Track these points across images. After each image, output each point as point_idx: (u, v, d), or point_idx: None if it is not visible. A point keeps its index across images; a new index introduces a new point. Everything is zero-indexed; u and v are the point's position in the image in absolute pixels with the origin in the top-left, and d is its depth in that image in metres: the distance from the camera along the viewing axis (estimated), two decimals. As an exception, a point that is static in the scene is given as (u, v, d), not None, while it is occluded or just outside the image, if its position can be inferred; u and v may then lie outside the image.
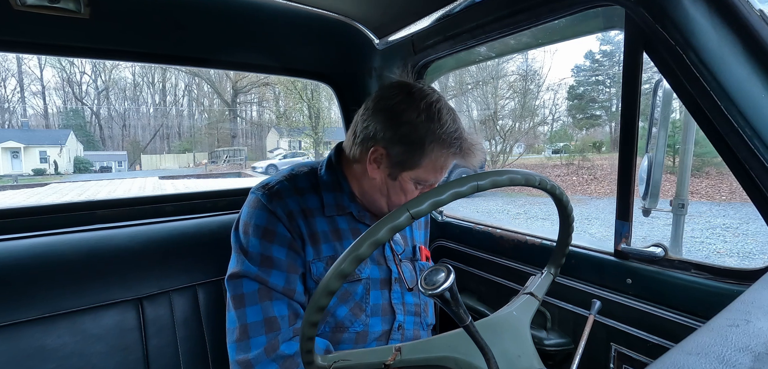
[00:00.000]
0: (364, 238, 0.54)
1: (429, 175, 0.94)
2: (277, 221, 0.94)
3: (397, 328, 1.02)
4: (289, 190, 0.98)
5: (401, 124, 0.91)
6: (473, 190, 0.58)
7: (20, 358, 0.97)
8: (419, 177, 0.94)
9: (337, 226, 1.00)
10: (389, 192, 0.97)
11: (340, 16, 1.42)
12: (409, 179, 0.94)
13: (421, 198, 0.55)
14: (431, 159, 0.91)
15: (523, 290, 0.82)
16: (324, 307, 0.56)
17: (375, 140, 0.93)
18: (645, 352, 0.97)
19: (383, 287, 1.03)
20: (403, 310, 1.04)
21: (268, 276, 0.91)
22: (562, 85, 26.89)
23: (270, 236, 0.93)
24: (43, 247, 1.09)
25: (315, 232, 0.97)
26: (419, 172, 0.93)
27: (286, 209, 0.95)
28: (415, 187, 0.96)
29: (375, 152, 0.94)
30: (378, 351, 0.67)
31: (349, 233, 1.01)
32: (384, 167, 0.95)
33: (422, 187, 0.96)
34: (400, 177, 0.94)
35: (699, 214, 7.93)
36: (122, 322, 1.09)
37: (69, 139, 27.67)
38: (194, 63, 1.43)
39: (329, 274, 0.55)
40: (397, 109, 0.92)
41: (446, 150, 0.92)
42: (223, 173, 25.84)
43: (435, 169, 0.93)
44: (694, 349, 0.37)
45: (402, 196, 0.96)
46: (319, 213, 0.98)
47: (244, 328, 0.89)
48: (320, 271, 0.95)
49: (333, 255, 0.96)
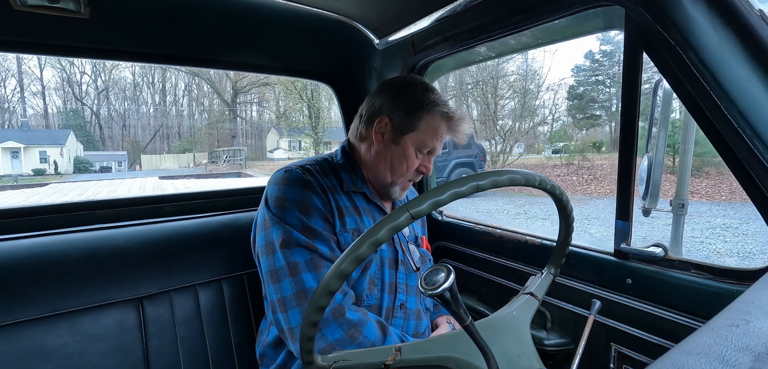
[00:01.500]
0: (364, 239, 0.54)
1: (427, 138, 1.06)
2: (312, 194, 1.01)
3: (400, 306, 1.07)
4: (316, 170, 1.07)
5: (401, 96, 1.07)
6: (473, 190, 0.58)
7: (20, 358, 0.97)
8: (418, 140, 1.06)
9: (355, 202, 1.09)
10: (392, 160, 1.08)
11: (340, 16, 1.42)
12: (410, 144, 1.06)
13: (421, 198, 0.55)
14: (428, 122, 1.05)
15: (523, 290, 0.82)
16: (324, 307, 0.56)
17: (380, 112, 1.08)
18: (645, 352, 0.97)
19: (392, 266, 1.10)
20: (406, 290, 1.10)
21: (315, 245, 0.96)
22: (562, 85, 26.90)
23: (308, 210, 0.99)
24: (43, 247, 1.09)
25: (340, 206, 1.05)
26: (419, 135, 1.05)
27: (318, 183, 1.03)
28: (416, 155, 1.07)
29: (380, 123, 1.07)
30: (378, 351, 0.67)
31: (366, 211, 1.10)
32: (388, 135, 1.07)
33: (422, 155, 1.08)
34: (402, 141, 1.06)
35: (699, 214, 7.93)
36: (122, 322, 1.09)
37: (69, 139, 27.66)
38: (194, 63, 1.42)
39: (329, 274, 0.55)
40: (398, 86, 1.10)
41: (440, 116, 1.06)
42: (223, 173, 25.84)
43: (432, 132, 1.06)
44: (694, 349, 0.37)
45: (403, 163, 1.07)
46: (339, 191, 1.08)
47: (303, 293, 0.92)
48: (348, 240, 1.02)
49: (356, 227, 1.05)
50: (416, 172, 1.11)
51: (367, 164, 1.13)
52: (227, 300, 1.24)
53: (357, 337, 0.91)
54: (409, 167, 1.08)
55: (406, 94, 1.07)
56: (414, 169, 1.09)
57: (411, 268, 1.12)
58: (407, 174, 1.09)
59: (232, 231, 1.32)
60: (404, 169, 1.08)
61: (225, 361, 1.21)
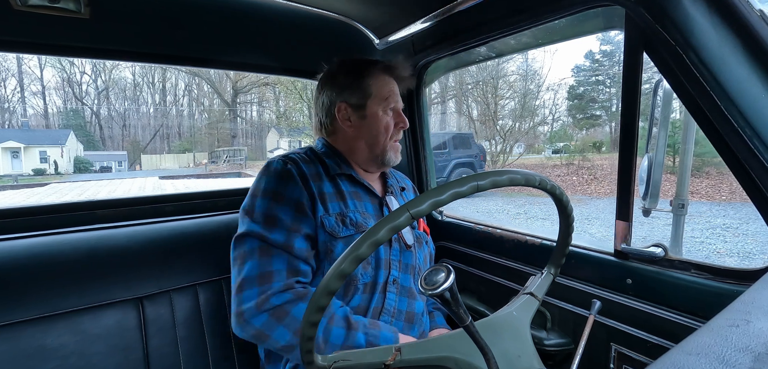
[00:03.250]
0: (364, 239, 0.54)
1: (384, 94, 1.13)
2: (288, 183, 1.04)
3: (393, 281, 1.08)
4: (299, 159, 1.10)
5: (340, 78, 1.15)
6: (473, 190, 0.58)
7: (20, 357, 0.97)
8: (380, 101, 1.13)
9: (339, 187, 1.11)
10: (370, 131, 1.13)
11: (340, 16, 1.42)
12: (375, 108, 1.13)
13: (421, 198, 0.55)
14: (376, 82, 1.13)
15: (523, 290, 0.82)
16: (324, 307, 0.56)
17: (334, 103, 1.15)
18: (645, 352, 0.97)
19: (385, 243, 1.11)
20: (399, 266, 1.11)
21: (269, 233, 0.98)
22: (562, 85, 26.89)
23: (279, 198, 1.02)
24: (43, 247, 1.09)
25: (323, 192, 1.07)
26: (377, 98, 1.13)
27: (299, 171, 1.06)
28: (387, 113, 1.14)
29: (340, 110, 1.14)
30: (378, 351, 0.67)
31: (352, 194, 1.12)
32: (352, 115, 1.14)
33: (393, 112, 1.14)
34: (368, 111, 1.13)
35: (699, 214, 7.92)
36: (122, 322, 1.09)
37: (69, 139, 27.66)
38: (194, 63, 1.43)
39: (329, 275, 0.55)
40: (332, 74, 1.18)
41: (381, 71, 1.15)
42: (224, 173, 25.83)
43: (385, 88, 1.14)
44: (694, 349, 0.37)
45: (381, 127, 1.13)
46: (323, 177, 1.10)
47: (240, 283, 0.96)
48: (331, 223, 1.04)
49: (340, 212, 1.06)
50: (397, 130, 1.16)
51: (348, 150, 1.17)
52: (227, 300, 1.24)
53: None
54: (387, 128, 1.14)
55: (343, 74, 1.15)
56: (392, 127, 1.15)
57: (404, 246, 1.14)
58: (390, 135, 1.14)
59: (232, 231, 1.31)
60: (384, 132, 1.13)
61: (225, 361, 1.21)
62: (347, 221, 1.06)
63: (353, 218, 1.07)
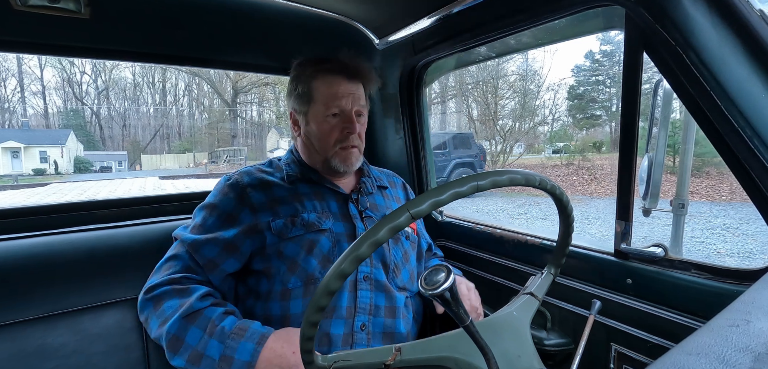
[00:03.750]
0: (364, 239, 0.54)
1: (327, 101, 1.10)
2: (227, 195, 1.07)
3: (364, 278, 1.06)
4: (248, 172, 1.13)
5: (291, 86, 1.16)
6: (473, 190, 0.58)
7: (21, 357, 0.97)
8: (321, 109, 1.10)
9: (297, 191, 1.12)
10: (313, 139, 1.13)
11: (340, 16, 1.42)
12: (316, 117, 1.11)
13: (421, 198, 0.55)
14: (319, 88, 1.11)
15: (523, 290, 0.82)
16: (324, 307, 0.56)
17: (290, 110, 1.18)
18: (645, 352, 0.97)
19: (350, 241, 1.08)
20: (370, 262, 1.08)
21: (192, 240, 1.02)
22: (562, 85, 26.89)
23: (213, 209, 1.06)
24: (43, 247, 1.09)
25: (274, 198, 1.08)
26: (318, 106, 1.11)
27: (247, 182, 1.09)
28: (329, 119, 1.11)
29: (291, 118, 1.19)
30: (378, 351, 0.67)
31: (311, 195, 1.12)
32: (299, 122, 1.16)
33: (340, 116, 1.11)
34: (309, 119, 1.12)
35: (699, 214, 7.92)
36: (122, 322, 1.09)
37: (69, 139, 27.65)
38: (194, 63, 1.43)
39: (329, 274, 0.55)
40: (290, 81, 1.18)
41: (328, 74, 1.11)
42: (223, 173, 25.80)
43: (328, 93, 1.10)
44: (694, 349, 0.37)
45: (321, 136, 1.11)
46: (280, 183, 1.12)
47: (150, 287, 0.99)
48: (279, 226, 1.04)
49: (293, 213, 1.07)
50: (344, 135, 1.11)
51: (307, 156, 1.19)
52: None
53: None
54: (328, 134, 1.11)
55: (294, 81, 1.15)
56: (335, 137, 1.11)
57: None
58: (334, 142, 1.11)
59: None
60: (325, 139, 1.11)
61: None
62: (298, 222, 1.06)
63: (306, 218, 1.07)
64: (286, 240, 1.03)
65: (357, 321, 1.02)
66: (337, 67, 1.12)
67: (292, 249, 1.03)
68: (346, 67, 1.12)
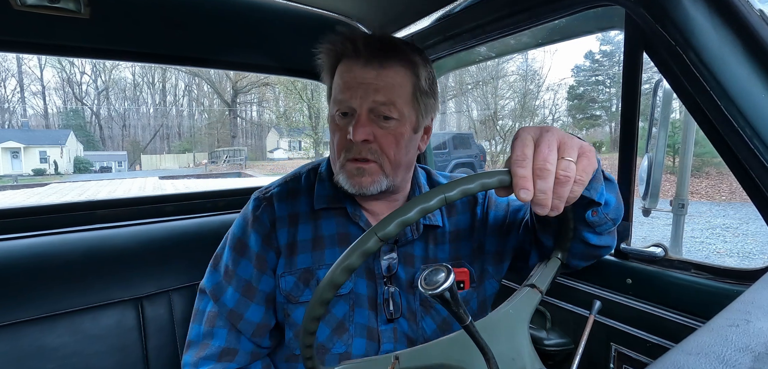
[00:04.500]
0: (371, 234, 0.53)
1: (335, 94, 0.83)
2: (252, 232, 0.87)
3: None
4: (282, 193, 0.91)
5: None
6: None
7: (20, 358, 0.97)
8: (334, 99, 0.83)
9: (319, 230, 0.88)
10: (330, 146, 0.88)
11: (340, 15, 1.42)
12: (330, 112, 0.85)
13: (431, 194, 0.53)
14: (336, 75, 0.83)
15: (525, 281, 0.80)
16: (328, 301, 0.55)
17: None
18: (645, 352, 0.97)
19: (371, 308, 0.87)
20: (394, 337, 0.86)
21: (223, 292, 0.87)
22: (562, 85, 26.88)
23: (242, 250, 0.87)
24: (43, 247, 1.09)
25: (294, 241, 0.87)
26: (332, 99, 0.84)
27: (271, 217, 0.87)
28: (340, 119, 0.82)
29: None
30: (377, 360, 0.67)
31: (334, 239, 0.87)
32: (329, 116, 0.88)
33: (346, 117, 0.82)
34: (329, 115, 0.87)
35: (699, 214, 7.92)
36: (122, 322, 1.09)
37: (69, 139, 27.67)
38: (194, 63, 1.43)
39: (334, 268, 0.54)
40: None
41: (340, 58, 0.83)
42: (223, 173, 25.84)
43: (342, 77, 0.81)
44: (694, 349, 0.37)
45: (332, 139, 0.86)
46: (306, 217, 0.89)
47: (188, 343, 0.89)
48: (290, 285, 0.85)
49: (308, 267, 0.86)
50: (348, 143, 0.81)
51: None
52: None
53: None
54: (333, 146, 0.85)
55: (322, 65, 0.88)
56: (339, 145, 0.82)
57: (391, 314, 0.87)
58: (337, 155, 0.83)
59: None
60: (332, 152, 0.86)
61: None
62: (312, 283, 0.85)
63: (321, 277, 0.75)
64: (295, 304, 0.85)
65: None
66: (353, 45, 0.80)
67: (301, 315, 0.84)
68: (363, 45, 0.79)
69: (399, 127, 0.81)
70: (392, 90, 0.79)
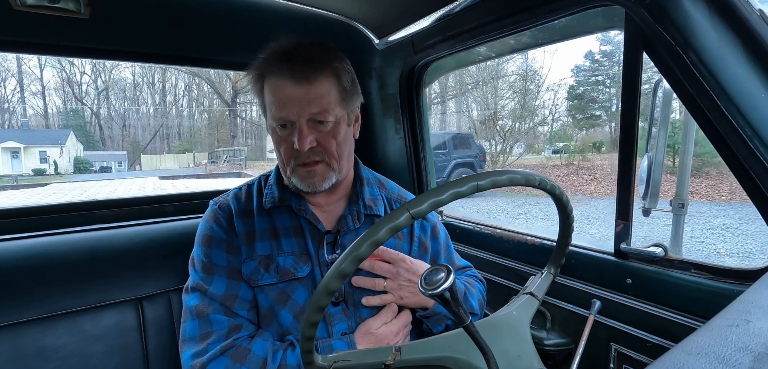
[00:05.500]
0: (364, 239, 0.54)
1: (271, 109, 0.88)
2: (213, 223, 0.96)
3: (341, 334, 0.91)
4: (234, 196, 1.01)
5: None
6: (473, 190, 0.58)
7: (20, 358, 0.97)
8: (270, 116, 0.89)
9: (274, 224, 0.96)
10: (276, 153, 0.95)
11: (340, 16, 1.42)
12: (270, 123, 0.91)
13: (420, 198, 0.55)
14: (267, 91, 0.89)
15: (523, 290, 0.82)
16: (324, 307, 0.56)
17: None
18: (645, 352, 0.97)
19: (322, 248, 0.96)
20: (344, 318, 0.93)
21: (209, 283, 0.90)
22: (561, 86, 26.88)
23: (209, 241, 0.94)
24: (43, 247, 1.08)
25: (252, 230, 0.95)
26: (269, 111, 0.90)
27: (226, 211, 0.97)
28: (281, 131, 0.89)
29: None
30: (378, 351, 0.67)
31: (290, 230, 0.95)
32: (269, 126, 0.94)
33: (286, 129, 0.89)
34: (270, 127, 0.92)
35: (699, 214, 7.92)
36: (122, 322, 1.09)
37: (69, 139, 27.65)
38: (194, 63, 1.43)
39: (329, 274, 0.55)
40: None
41: (271, 74, 0.87)
42: (223, 173, 25.82)
43: (272, 98, 0.87)
44: (694, 349, 0.37)
45: (278, 148, 0.93)
46: (260, 211, 0.97)
47: (182, 342, 0.89)
48: (250, 269, 0.91)
49: (269, 254, 0.93)
50: (295, 151, 0.89)
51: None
52: None
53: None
54: (281, 150, 0.92)
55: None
56: (287, 153, 0.91)
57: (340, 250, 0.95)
58: (287, 161, 0.92)
59: None
60: (281, 158, 0.93)
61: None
62: (272, 267, 0.91)
63: (281, 263, 0.91)
64: (256, 287, 0.91)
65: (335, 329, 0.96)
66: (277, 66, 0.86)
67: (264, 300, 0.91)
68: (288, 65, 0.85)
69: (335, 127, 0.91)
70: (322, 99, 0.87)
